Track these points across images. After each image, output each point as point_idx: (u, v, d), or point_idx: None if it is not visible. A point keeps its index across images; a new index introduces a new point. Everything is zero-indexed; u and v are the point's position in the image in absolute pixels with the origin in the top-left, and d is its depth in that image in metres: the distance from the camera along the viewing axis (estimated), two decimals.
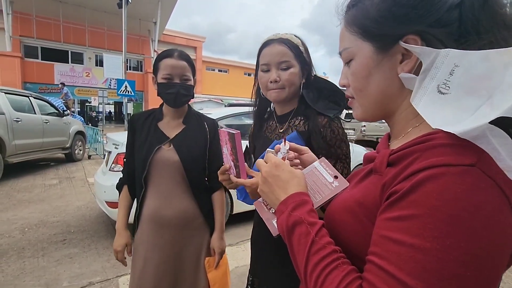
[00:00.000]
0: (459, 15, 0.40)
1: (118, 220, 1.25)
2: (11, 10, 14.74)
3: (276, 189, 0.54)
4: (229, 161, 0.80)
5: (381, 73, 0.46)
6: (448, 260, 0.32)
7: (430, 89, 0.39)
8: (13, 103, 5.17)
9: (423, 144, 0.38)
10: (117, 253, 1.24)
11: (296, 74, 0.99)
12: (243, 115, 3.53)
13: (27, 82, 16.27)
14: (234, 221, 3.30)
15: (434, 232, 0.33)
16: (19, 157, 5.27)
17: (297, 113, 1.03)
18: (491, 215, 0.33)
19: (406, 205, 0.36)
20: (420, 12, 0.41)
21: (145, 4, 15.45)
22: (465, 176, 0.33)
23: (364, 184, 0.49)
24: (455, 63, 0.37)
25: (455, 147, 0.35)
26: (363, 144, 6.34)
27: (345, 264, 0.42)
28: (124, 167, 1.29)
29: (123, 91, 8.85)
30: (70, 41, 17.42)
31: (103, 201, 2.86)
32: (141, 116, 1.27)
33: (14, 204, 3.92)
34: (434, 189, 0.34)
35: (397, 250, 0.35)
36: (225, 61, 26.56)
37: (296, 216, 0.48)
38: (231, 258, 2.63)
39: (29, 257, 2.56)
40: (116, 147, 3.04)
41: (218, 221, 1.29)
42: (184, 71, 1.18)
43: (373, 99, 0.48)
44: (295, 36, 1.02)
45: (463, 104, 0.37)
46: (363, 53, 0.47)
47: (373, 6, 0.45)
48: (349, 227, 0.46)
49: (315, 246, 0.44)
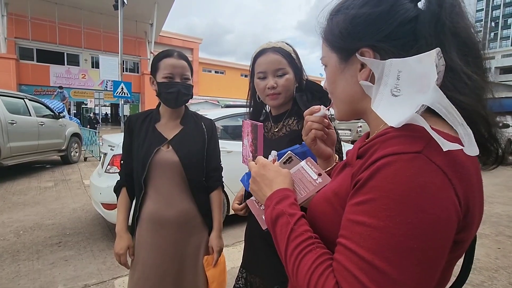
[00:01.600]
0: (412, 28, 0.47)
1: (118, 223, 1.23)
2: (6, 11, 14.63)
3: (263, 187, 0.60)
4: (248, 152, 0.84)
5: (344, 79, 0.54)
6: (399, 235, 0.37)
7: (386, 94, 0.46)
8: (8, 105, 5.14)
9: (382, 137, 0.44)
10: (119, 257, 1.21)
11: (291, 80, 1.06)
12: (239, 116, 3.54)
13: (22, 84, 16.18)
14: (230, 221, 3.30)
15: (387, 212, 0.38)
16: (14, 160, 5.24)
17: (291, 114, 1.10)
18: (434, 193, 0.38)
19: (366, 191, 0.41)
20: (370, 30, 0.48)
21: (142, 5, 15.42)
22: (413, 162, 0.39)
23: (340, 176, 0.54)
24: (398, 69, 0.44)
25: (406, 138, 0.41)
26: None
27: (319, 248, 0.47)
28: (122, 169, 1.29)
29: (120, 93, 8.82)
30: (66, 43, 17.35)
31: (98, 203, 2.85)
32: (138, 117, 1.28)
33: (9, 207, 3.90)
34: (388, 174, 0.39)
35: (359, 230, 0.40)
36: (221, 62, 26.63)
37: (279, 209, 0.53)
38: (227, 259, 2.61)
39: (24, 260, 2.54)
40: (111, 148, 3.03)
41: (216, 220, 1.30)
42: (184, 71, 1.20)
43: (341, 101, 0.56)
44: (287, 44, 1.09)
45: (413, 100, 0.42)
46: (332, 62, 0.56)
47: (336, 24, 0.53)
48: (327, 216, 0.51)
49: (293, 233, 0.49)
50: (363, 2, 0.49)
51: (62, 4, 15.35)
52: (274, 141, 1.09)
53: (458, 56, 0.44)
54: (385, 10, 0.47)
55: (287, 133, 1.07)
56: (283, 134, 1.08)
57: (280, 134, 1.09)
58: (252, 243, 1.14)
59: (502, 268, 2.56)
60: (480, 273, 2.46)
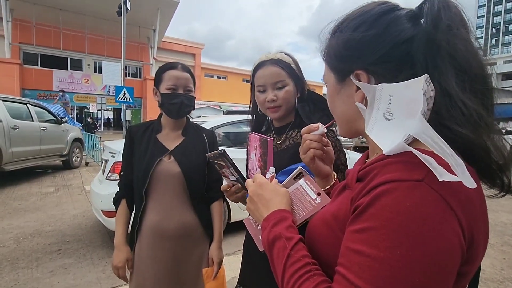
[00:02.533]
0: (407, 50, 0.45)
1: (117, 236, 1.21)
2: (11, 17, 14.85)
3: (260, 207, 0.59)
4: (255, 167, 0.83)
5: (341, 99, 0.54)
6: (399, 267, 0.36)
7: (378, 117, 0.46)
8: (10, 111, 5.16)
9: (382, 161, 0.43)
10: (118, 270, 1.18)
11: (291, 92, 1.04)
12: (241, 123, 3.53)
13: (26, 89, 16.31)
14: (232, 229, 3.27)
15: (387, 242, 0.36)
16: (16, 165, 5.24)
17: (294, 126, 1.08)
18: (437, 225, 0.36)
19: (366, 218, 0.39)
20: (363, 53, 0.48)
21: (145, 11, 15.61)
22: (414, 191, 0.37)
23: (339, 199, 0.52)
24: (389, 94, 0.44)
25: (406, 164, 0.40)
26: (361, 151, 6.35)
27: (317, 275, 0.45)
28: (121, 180, 1.27)
29: (122, 98, 8.86)
30: (69, 48, 17.54)
31: (99, 210, 2.83)
32: (139, 128, 1.27)
33: (9, 212, 3.89)
34: (388, 203, 0.38)
35: (357, 260, 0.39)
36: (223, 67, 26.76)
37: (276, 232, 0.52)
38: (228, 268, 2.59)
39: (23, 268, 2.52)
40: (113, 155, 3.02)
41: (217, 231, 1.28)
42: (187, 83, 1.21)
43: (340, 120, 0.57)
44: (286, 55, 1.07)
45: (405, 124, 0.42)
46: (330, 81, 0.56)
47: (333, 46, 0.53)
48: (327, 239, 0.49)
49: (291, 259, 0.48)
50: (356, 25, 0.49)
51: (67, 10, 15.57)
52: (277, 154, 1.06)
53: (456, 81, 0.41)
54: (378, 33, 0.47)
55: (290, 146, 1.05)
56: (286, 146, 1.06)
57: (283, 146, 1.07)
58: (250, 258, 1.11)
59: (508, 280, 2.51)
60: (486, 285, 2.42)
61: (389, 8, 0.48)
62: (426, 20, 0.44)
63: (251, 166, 0.86)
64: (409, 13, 0.47)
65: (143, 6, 14.79)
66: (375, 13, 0.48)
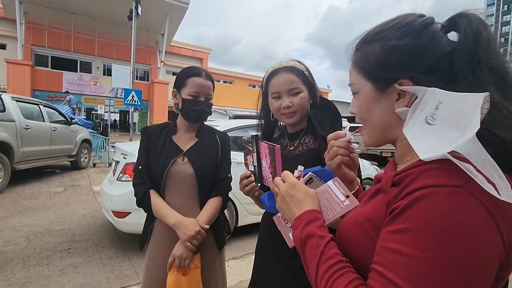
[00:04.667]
0: (449, 62, 0.47)
1: (172, 217, 1.16)
2: (24, 20, 15.19)
3: (292, 207, 0.60)
4: (268, 173, 0.86)
5: (380, 108, 0.54)
6: (437, 268, 0.37)
7: (420, 119, 0.46)
8: (23, 111, 5.27)
9: (420, 167, 0.44)
10: (198, 233, 1.14)
11: (305, 98, 1.07)
12: (249, 127, 3.57)
13: (36, 90, 16.61)
14: (239, 233, 3.29)
15: (426, 244, 0.38)
16: (26, 164, 5.33)
17: (307, 132, 1.10)
18: (476, 230, 0.37)
19: (403, 220, 0.41)
20: (412, 62, 0.48)
21: (154, 16, 15.86)
22: (454, 196, 0.38)
23: (372, 202, 0.54)
24: (440, 100, 0.44)
25: (446, 171, 0.41)
26: (367, 158, 6.34)
27: (350, 272, 0.47)
28: (141, 175, 1.23)
29: (130, 101, 8.98)
30: (79, 51, 17.87)
31: (109, 211, 2.87)
32: (156, 128, 1.31)
33: (20, 211, 3.95)
34: (426, 206, 0.39)
35: (395, 259, 0.40)
36: (230, 72, 26.94)
37: (309, 231, 0.54)
38: (236, 272, 2.61)
39: (34, 266, 2.56)
40: (124, 157, 3.07)
41: (204, 215, 1.20)
42: (209, 91, 1.26)
43: (375, 129, 0.56)
44: (298, 62, 1.10)
45: (447, 134, 0.43)
46: (365, 90, 0.55)
47: (373, 53, 0.52)
48: (360, 241, 0.50)
49: (324, 256, 0.49)
50: (403, 33, 0.49)
51: (78, 13, 15.91)
52: (290, 159, 1.08)
53: (497, 91, 0.44)
54: (425, 43, 0.48)
55: (303, 151, 1.07)
56: (299, 152, 1.08)
57: (296, 152, 1.08)
58: (263, 261, 1.11)
59: None
60: None
61: (431, 21, 0.50)
62: (464, 35, 0.46)
63: (264, 173, 0.89)
64: (443, 27, 0.50)
65: (153, 10, 15.04)
66: (419, 24, 0.49)
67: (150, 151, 1.26)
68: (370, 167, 4.69)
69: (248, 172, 1.01)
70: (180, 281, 1.14)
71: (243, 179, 1.03)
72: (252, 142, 0.89)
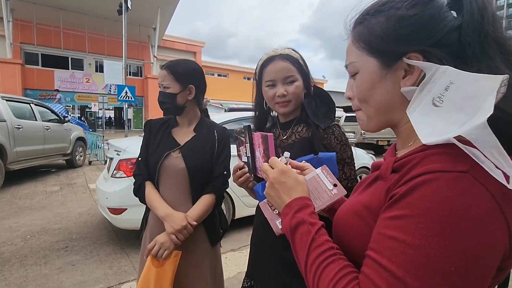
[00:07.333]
0: (458, 37, 0.44)
1: (162, 209, 1.17)
2: (11, 17, 14.87)
3: (282, 194, 0.58)
4: (261, 164, 0.84)
5: (384, 86, 0.49)
6: (435, 255, 0.35)
7: (425, 101, 0.43)
8: (14, 110, 5.19)
9: (422, 152, 0.42)
10: (185, 228, 1.13)
11: (300, 87, 1.05)
12: (244, 119, 3.55)
13: (27, 89, 16.35)
14: (236, 226, 3.30)
15: (424, 231, 0.36)
16: (20, 164, 5.28)
17: (300, 121, 1.08)
18: (479, 218, 0.35)
19: (402, 206, 0.39)
20: (423, 33, 0.44)
21: (145, 10, 15.58)
22: (457, 181, 0.36)
23: (370, 190, 0.52)
24: (451, 80, 0.41)
25: (451, 155, 0.39)
26: (363, 147, 6.35)
27: (342, 259, 0.46)
28: (140, 166, 1.27)
29: (124, 97, 8.89)
30: (70, 48, 17.54)
31: (105, 208, 2.86)
32: (157, 121, 1.32)
33: (15, 211, 3.93)
34: (427, 192, 0.37)
35: (391, 245, 0.39)
36: (224, 65, 26.71)
37: (299, 218, 0.53)
38: (233, 264, 2.63)
39: (31, 265, 2.56)
40: (118, 153, 3.04)
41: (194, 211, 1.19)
42: (163, 79, 1.23)
43: (377, 110, 0.51)
44: (293, 51, 1.07)
45: (453, 118, 0.40)
46: (368, 67, 0.50)
47: (379, 24, 0.48)
48: (357, 229, 0.49)
49: (315, 243, 0.48)
50: (412, 3, 0.46)
51: (67, 9, 15.56)
52: (283, 149, 1.07)
53: (505, 64, 0.41)
54: (435, 14, 0.44)
55: (296, 140, 1.06)
56: (292, 141, 1.07)
57: (289, 141, 1.07)
58: (257, 251, 1.11)
59: None
60: None
61: None
62: (471, 10, 0.44)
63: (258, 164, 0.88)
64: (448, 3, 0.47)
65: (144, 4, 14.78)
66: None
67: (149, 143, 1.28)
68: (365, 155, 4.71)
69: (241, 163, 1.00)
70: (150, 270, 1.12)
71: (236, 170, 1.02)
72: (245, 132, 0.88)
